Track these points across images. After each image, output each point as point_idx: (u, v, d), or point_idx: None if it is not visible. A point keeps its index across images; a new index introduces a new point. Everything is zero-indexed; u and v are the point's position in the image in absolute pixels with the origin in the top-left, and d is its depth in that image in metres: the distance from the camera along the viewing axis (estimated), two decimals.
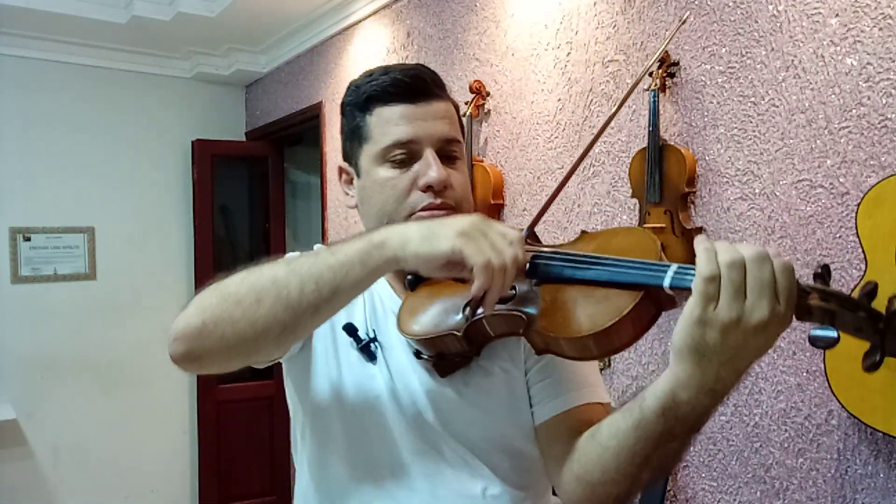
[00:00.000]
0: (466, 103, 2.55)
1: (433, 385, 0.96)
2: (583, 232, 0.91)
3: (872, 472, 1.55)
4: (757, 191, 1.76)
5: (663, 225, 1.88)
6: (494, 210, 2.51)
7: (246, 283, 0.87)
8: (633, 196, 1.99)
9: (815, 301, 0.65)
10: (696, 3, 1.89)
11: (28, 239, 3.83)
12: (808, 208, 1.66)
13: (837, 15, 1.60)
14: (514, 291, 0.85)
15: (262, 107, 4.31)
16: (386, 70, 1.01)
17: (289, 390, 1.08)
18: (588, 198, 2.20)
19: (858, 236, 1.50)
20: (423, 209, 0.97)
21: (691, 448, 0.75)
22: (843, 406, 1.52)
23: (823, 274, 0.67)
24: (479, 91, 2.53)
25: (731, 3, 1.81)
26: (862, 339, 0.64)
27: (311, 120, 3.78)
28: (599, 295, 0.77)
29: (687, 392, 0.71)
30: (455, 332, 0.87)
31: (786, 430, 1.71)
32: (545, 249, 0.87)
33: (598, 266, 0.78)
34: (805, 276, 0.66)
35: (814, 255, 1.65)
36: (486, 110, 2.57)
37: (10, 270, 3.77)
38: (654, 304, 0.74)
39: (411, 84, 0.98)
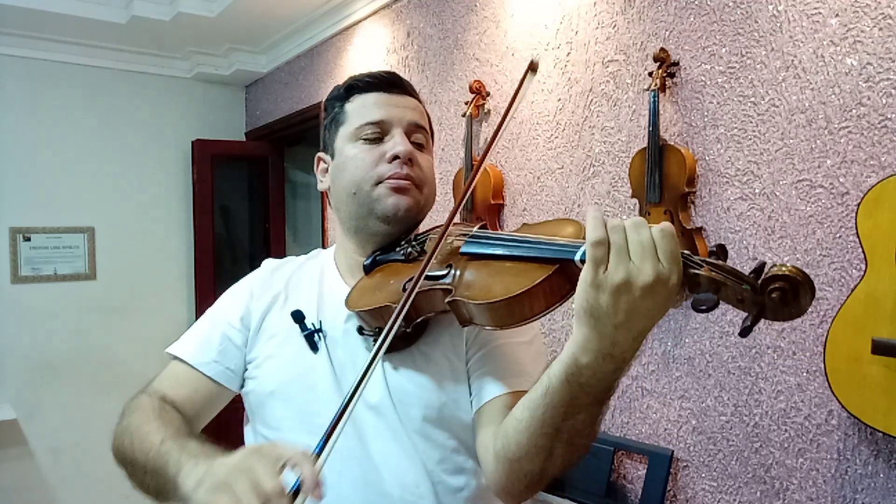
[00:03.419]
0: (466, 103, 2.55)
1: (377, 368, 1.00)
2: (524, 224, 0.99)
3: (872, 472, 1.55)
4: (757, 191, 1.76)
5: None
6: (494, 210, 2.51)
7: (134, 442, 0.97)
8: (633, 196, 1.99)
9: (705, 272, 0.70)
10: (696, 3, 1.89)
11: (28, 239, 3.83)
12: (808, 208, 1.66)
13: (837, 15, 1.60)
14: (448, 270, 0.93)
15: (262, 107, 4.31)
16: (367, 72, 1.13)
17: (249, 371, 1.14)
18: (588, 198, 2.20)
19: (858, 236, 1.50)
20: (391, 177, 1.05)
21: (599, 420, 0.77)
22: (843, 406, 1.52)
23: (719, 252, 0.72)
24: (479, 91, 2.53)
25: (731, 3, 1.81)
26: (743, 309, 0.70)
27: (311, 120, 3.78)
28: (519, 268, 0.84)
29: (587, 356, 0.74)
30: (391, 304, 0.94)
31: (786, 430, 1.71)
32: (478, 231, 0.96)
33: (519, 244, 0.87)
34: None
35: (814, 255, 1.65)
36: (486, 110, 2.57)
37: (10, 270, 3.77)
38: (569, 279, 0.80)
39: (387, 77, 1.11)
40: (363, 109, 1.08)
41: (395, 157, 1.05)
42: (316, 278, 1.14)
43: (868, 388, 1.46)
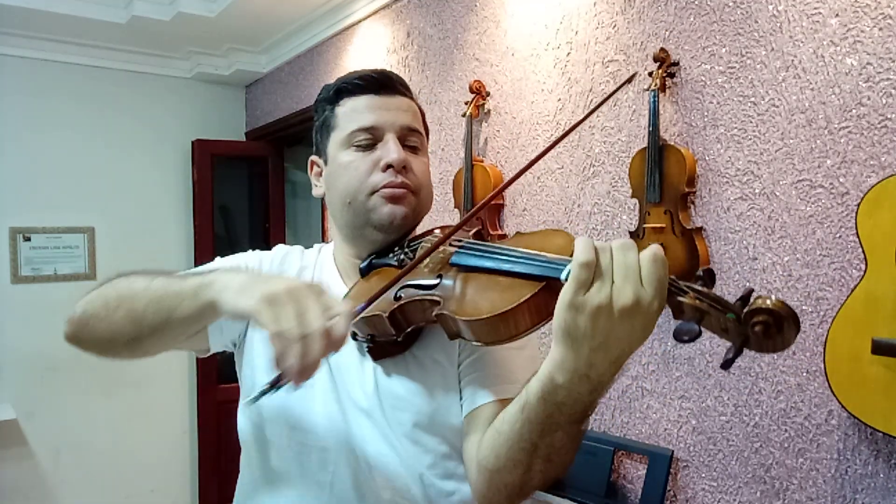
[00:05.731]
0: (466, 103, 2.55)
1: (369, 372, 1.02)
2: (517, 233, 0.97)
3: (872, 472, 1.56)
4: (757, 191, 1.76)
5: (663, 225, 1.88)
6: (494, 210, 2.51)
7: (118, 287, 0.96)
8: (633, 196, 1.99)
9: (689, 300, 0.69)
10: (696, 3, 1.89)
11: (28, 239, 3.83)
12: (808, 208, 1.66)
13: (837, 15, 1.60)
14: (438, 280, 0.92)
15: (262, 107, 4.31)
16: (356, 71, 1.10)
17: (238, 369, 1.15)
18: (588, 198, 2.20)
19: (858, 236, 1.50)
20: (385, 187, 1.03)
21: (577, 438, 0.76)
22: (843, 406, 1.52)
23: (705, 277, 0.70)
24: (479, 91, 2.53)
25: (731, 3, 1.81)
26: (726, 339, 0.69)
27: (310, 120, 3.73)
28: (505, 284, 0.83)
29: (562, 375, 0.74)
30: (381, 314, 0.94)
31: (786, 430, 1.71)
32: (470, 242, 0.95)
33: (507, 258, 0.85)
34: (805, 277, 0.67)
35: (814, 255, 1.65)
36: (486, 110, 2.57)
37: (10, 270, 3.77)
38: (555, 297, 0.78)
39: (377, 78, 1.07)
40: (354, 114, 1.06)
41: (389, 166, 1.03)
42: (316, 276, 1.15)
43: (868, 388, 1.46)
